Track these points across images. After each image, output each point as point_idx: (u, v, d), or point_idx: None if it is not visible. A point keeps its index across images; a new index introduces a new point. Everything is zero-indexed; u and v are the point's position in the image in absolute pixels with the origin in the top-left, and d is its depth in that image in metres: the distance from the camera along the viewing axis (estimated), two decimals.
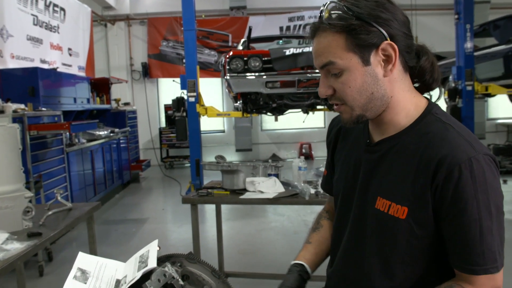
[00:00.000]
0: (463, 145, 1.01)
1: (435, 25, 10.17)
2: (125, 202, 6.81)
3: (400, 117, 1.11)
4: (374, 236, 1.13)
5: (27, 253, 1.81)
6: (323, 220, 1.47)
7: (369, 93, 1.06)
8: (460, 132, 1.04)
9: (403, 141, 1.10)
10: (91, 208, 2.53)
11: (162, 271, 1.12)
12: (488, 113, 11.01)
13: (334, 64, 1.05)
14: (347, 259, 1.23)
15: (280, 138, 10.83)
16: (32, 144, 4.11)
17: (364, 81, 1.05)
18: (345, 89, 1.07)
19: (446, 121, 1.08)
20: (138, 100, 10.42)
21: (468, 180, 0.97)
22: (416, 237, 1.06)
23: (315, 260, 1.37)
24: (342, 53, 1.03)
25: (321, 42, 1.06)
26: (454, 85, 7.07)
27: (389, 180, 1.10)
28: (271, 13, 10.32)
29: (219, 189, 2.94)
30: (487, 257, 0.99)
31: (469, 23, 6.84)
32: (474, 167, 0.98)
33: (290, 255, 4.01)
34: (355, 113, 1.09)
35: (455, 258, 1.03)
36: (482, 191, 0.98)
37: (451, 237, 1.02)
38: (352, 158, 1.24)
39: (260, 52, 5.50)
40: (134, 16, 10.31)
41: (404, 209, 1.05)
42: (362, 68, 1.04)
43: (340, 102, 1.10)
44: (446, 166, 0.99)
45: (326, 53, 1.05)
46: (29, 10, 5.73)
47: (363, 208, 1.17)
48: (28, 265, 3.89)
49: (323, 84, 1.10)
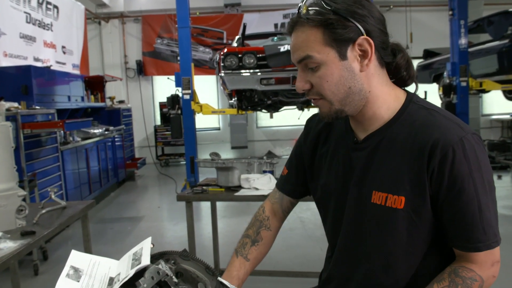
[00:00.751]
0: (452, 127, 1.04)
1: (429, 22, 10.20)
2: (120, 201, 6.79)
3: (382, 110, 1.13)
4: (373, 231, 1.13)
5: (20, 252, 1.80)
6: (264, 231, 1.39)
7: (346, 87, 1.07)
8: (446, 116, 1.08)
9: (391, 133, 1.11)
10: (85, 206, 2.51)
11: (156, 268, 1.11)
12: (482, 109, 11.05)
13: (311, 58, 1.06)
14: (346, 260, 1.22)
15: (276, 135, 10.83)
16: (26, 142, 4.09)
17: (341, 75, 1.06)
18: (322, 83, 1.08)
19: (429, 107, 1.12)
20: (133, 98, 10.39)
21: (462, 159, 1.01)
22: (416, 225, 1.07)
23: (245, 278, 1.32)
24: (320, 47, 1.05)
25: (299, 37, 1.08)
26: (449, 81, 7.10)
27: (382, 173, 1.11)
28: (265, 10, 10.31)
29: (214, 186, 2.93)
30: (488, 232, 1.02)
31: (463, 19, 6.86)
32: (466, 146, 1.01)
33: (286, 252, 4.02)
34: (334, 107, 1.10)
35: (457, 239, 1.05)
36: (476, 169, 1.02)
37: (451, 218, 1.04)
38: (340, 159, 1.23)
39: (255, 49, 5.48)
40: (128, 14, 10.26)
41: (402, 198, 1.06)
42: (339, 63, 1.06)
43: (318, 96, 1.11)
44: (439, 149, 1.02)
45: (304, 47, 1.06)
46: (21, 8, 5.68)
47: (358, 205, 1.16)
48: (23, 264, 3.87)
49: (301, 78, 1.11)
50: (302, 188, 1.40)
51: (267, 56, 5.30)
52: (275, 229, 1.41)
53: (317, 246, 4.12)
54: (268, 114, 6.22)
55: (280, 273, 3.46)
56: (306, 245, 4.20)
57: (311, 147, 1.34)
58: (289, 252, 4.00)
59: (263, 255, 1.37)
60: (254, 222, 1.41)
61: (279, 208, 1.43)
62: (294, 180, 1.41)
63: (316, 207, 1.36)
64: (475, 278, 1.03)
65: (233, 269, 1.30)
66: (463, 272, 1.04)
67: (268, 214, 1.42)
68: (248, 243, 1.36)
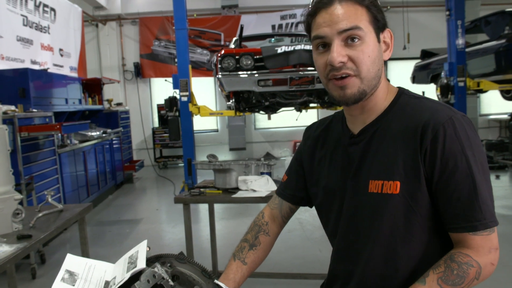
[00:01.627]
0: (442, 108, 1.08)
1: (426, 22, 10.22)
2: (118, 203, 6.77)
3: (380, 102, 1.17)
4: (371, 221, 1.13)
5: (16, 256, 1.79)
6: (262, 236, 1.39)
7: (377, 68, 1.11)
8: (435, 101, 1.13)
9: (385, 123, 1.15)
10: (82, 209, 2.51)
11: (152, 271, 1.11)
12: (480, 109, 11.07)
13: (360, 29, 1.07)
14: (348, 255, 1.21)
15: (274, 136, 10.82)
16: (23, 145, 4.08)
17: (377, 55, 1.11)
18: (364, 57, 1.08)
19: (419, 97, 1.17)
20: (131, 100, 10.38)
21: (453, 136, 1.03)
22: (413, 211, 1.08)
23: (242, 282, 1.31)
24: (366, 24, 1.08)
25: (348, 7, 1.08)
26: (446, 81, 7.11)
27: (377, 162, 1.12)
28: (263, 11, 10.32)
29: (211, 188, 2.93)
30: (485, 210, 1.02)
31: (460, 19, 6.87)
32: (456, 125, 1.04)
33: (285, 253, 4.01)
34: (362, 86, 1.10)
35: (453, 220, 1.05)
36: (467, 146, 1.03)
37: (447, 198, 1.04)
38: (338, 158, 1.24)
39: (252, 50, 5.48)
40: (125, 16, 10.26)
41: (397, 183, 1.07)
42: (376, 43, 1.11)
43: (353, 72, 1.09)
44: (431, 128, 1.04)
45: (352, 18, 1.07)
46: (18, 11, 5.67)
47: (356, 197, 1.16)
48: (21, 267, 3.86)
49: (339, 50, 1.07)
50: (302, 194, 1.41)
51: (264, 57, 5.30)
52: (273, 234, 1.42)
53: (316, 247, 4.11)
54: (266, 116, 6.22)
55: (278, 275, 3.45)
56: (304, 246, 4.20)
57: (309, 152, 1.35)
58: (288, 253, 3.99)
59: (261, 259, 1.37)
60: (253, 227, 1.42)
61: (279, 214, 1.43)
62: (293, 186, 1.41)
63: (317, 212, 1.36)
64: (471, 264, 1.02)
65: (230, 272, 1.29)
66: (459, 257, 1.03)
67: (267, 219, 1.43)
68: (246, 247, 1.36)
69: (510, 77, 6.93)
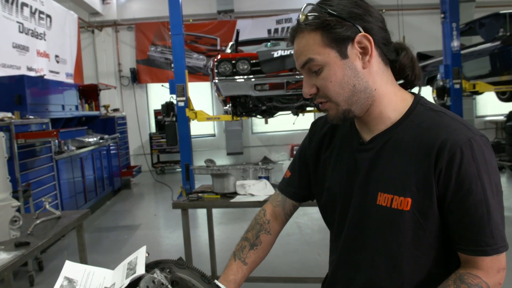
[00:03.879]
0: (460, 128, 1.03)
1: (421, 25, 10.26)
2: (116, 209, 6.75)
3: (389, 110, 1.12)
4: (378, 233, 1.11)
5: (14, 264, 1.78)
6: (263, 235, 1.37)
7: (351, 85, 1.07)
8: (453, 117, 1.07)
9: (397, 134, 1.10)
10: (80, 216, 2.50)
11: (151, 277, 1.10)
12: (476, 111, 11.11)
13: (313, 61, 1.07)
14: (350, 263, 1.20)
15: (271, 140, 10.83)
16: (20, 152, 4.07)
17: (344, 74, 1.06)
18: (327, 85, 1.08)
19: (437, 109, 1.10)
20: (128, 106, 10.38)
21: (470, 160, 0.99)
22: (422, 228, 1.05)
23: (242, 282, 1.30)
24: (320, 49, 1.06)
25: (300, 43, 1.09)
26: (442, 84, 7.13)
27: (388, 175, 1.09)
28: (258, 16, 10.35)
29: (209, 193, 2.92)
30: (496, 236, 1.00)
31: (455, 22, 6.90)
32: (475, 147, 1.00)
33: (283, 257, 4.00)
34: (341, 108, 1.10)
35: (464, 242, 1.03)
36: (484, 170, 1.00)
37: (458, 220, 1.02)
38: (344, 161, 1.21)
39: (248, 55, 5.49)
40: (121, 22, 10.27)
41: (408, 200, 1.04)
42: (340, 62, 1.06)
43: (324, 99, 1.11)
44: (447, 149, 1.00)
45: (305, 52, 1.08)
46: (14, 18, 5.67)
47: (363, 207, 1.14)
48: (19, 275, 3.84)
49: (306, 84, 1.12)
50: (305, 192, 1.38)
51: (260, 62, 5.31)
52: (275, 233, 1.40)
53: (314, 251, 4.11)
54: (263, 120, 6.23)
55: (277, 279, 3.44)
56: (303, 250, 4.19)
57: (315, 150, 1.33)
58: (287, 257, 3.99)
59: (261, 259, 1.36)
60: (254, 225, 1.40)
61: (281, 211, 1.41)
62: (297, 183, 1.39)
63: (320, 213, 1.34)
64: (481, 285, 1.01)
65: (230, 272, 1.28)
66: (469, 279, 1.01)
67: (269, 217, 1.41)
68: (247, 247, 1.34)
69: (505, 79, 6.97)
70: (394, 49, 1.14)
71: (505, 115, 7.86)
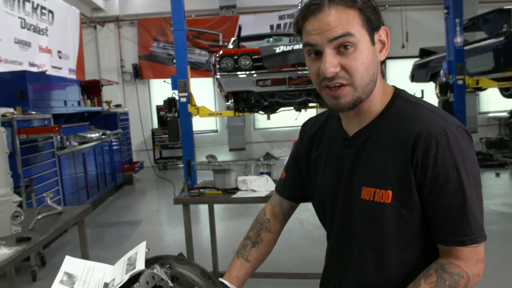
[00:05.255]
0: (436, 119, 1.04)
1: (424, 21, 10.22)
2: (118, 205, 6.77)
3: (375, 104, 1.12)
4: (363, 228, 1.12)
5: (15, 259, 1.78)
6: (264, 233, 1.39)
7: (372, 73, 1.06)
8: (430, 109, 1.08)
9: (378, 128, 1.11)
10: (81, 211, 2.50)
11: (151, 273, 1.10)
12: (479, 107, 11.07)
13: (352, 36, 1.00)
14: (340, 259, 1.21)
15: (273, 136, 10.82)
16: (22, 148, 4.07)
17: (371, 60, 1.05)
18: (357, 65, 1.02)
19: (414, 101, 1.11)
20: (130, 101, 10.38)
21: (445, 150, 1.00)
22: (404, 219, 1.06)
23: (245, 279, 1.32)
24: (358, 28, 1.02)
25: (334, 15, 1.01)
26: (445, 80, 7.11)
27: (370, 169, 1.10)
28: (261, 12, 10.31)
29: (211, 188, 2.92)
30: (474, 226, 1.01)
31: (459, 18, 6.88)
32: (450, 138, 1.00)
33: (285, 253, 4.00)
34: (356, 94, 1.06)
35: (442, 233, 1.04)
36: (460, 160, 1.00)
37: (436, 211, 1.03)
38: (332, 159, 1.22)
39: (250, 50, 5.47)
40: (123, 18, 10.26)
41: (389, 192, 1.05)
42: (371, 47, 1.05)
43: (346, 81, 1.04)
44: (423, 141, 1.01)
45: (343, 25, 1.00)
46: (16, 13, 5.66)
47: (349, 203, 1.15)
48: (21, 270, 3.85)
49: (331, 60, 1.02)
50: (300, 192, 1.39)
51: (262, 57, 5.29)
52: (276, 231, 1.41)
53: (316, 247, 4.11)
54: (266, 116, 6.21)
55: (279, 275, 3.44)
56: (305, 246, 4.19)
57: (306, 150, 1.33)
58: (288, 253, 3.99)
59: (264, 256, 1.37)
60: (255, 225, 1.42)
61: (279, 211, 1.42)
62: (291, 184, 1.40)
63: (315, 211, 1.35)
64: (462, 275, 1.02)
65: (233, 270, 1.30)
66: (450, 268, 1.02)
67: (269, 216, 1.42)
68: (249, 245, 1.36)
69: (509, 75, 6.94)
70: None
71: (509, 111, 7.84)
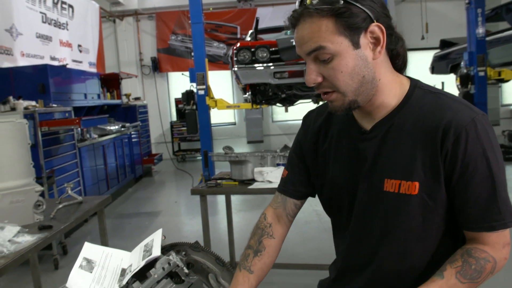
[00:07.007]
0: (463, 108, 1.04)
1: (445, 11, 10.03)
2: (138, 196, 6.87)
3: (390, 98, 1.11)
4: (387, 220, 1.11)
5: (38, 246, 1.84)
6: (266, 239, 1.31)
7: (360, 76, 1.04)
8: (454, 98, 1.08)
9: (399, 119, 1.10)
10: (101, 201, 2.55)
11: (167, 259, 1.13)
12: (502, 99, 10.84)
13: (324, 49, 1.01)
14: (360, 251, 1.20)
15: (291, 129, 10.79)
16: (44, 140, 4.16)
17: (355, 64, 1.03)
18: (336, 75, 1.03)
19: (435, 91, 1.11)
20: (149, 94, 10.48)
21: (475, 140, 1.01)
22: (430, 210, 1.06)
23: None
24: (333, 37, 1.01)
25: (307, 28, 1.03)
26: (466, 71, 6.99)
27: (394, 161, 1.09)
28: (279, 4, 10.25)
29: (228, 180, 2.95)
30: (504, 211, 1.02)
31: (480, 8, 6.74)
32: (478, 127, 1.02)
33: (301, 245, 4.01)
34: (348, 99, 1.07)
35: (472, 219, 1.04)
36: (489, 148, 1.02)
37: (466, 199, 1.03)
38: (344, 151, 1.20)
39: (268, 42, 5.46)
40: (142, 11, 10.34)
41: (415, 184, 1.05)
42: (352, 52, 1.02)
43: (330, 89, 1.07)
44: (453, 131, 1.01)
45: (315, 38, 1.01)
46: (37, 8, 5.77)
47: (370, 195, 1.14)
48: (43, 258, 3.96)
49: (311, 71, 1.06)
50: (305, 188, 1.34)
51: (280, 49, 5.28)
52: (279, 236, 1.33)
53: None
54: (283, 108, 6.21)
55: (295, 265, 3.46)
56: (321, 238, 4.19)
57: (312, 143, 1.30)
58: (305, 245, 4.00)
59: (268, 265, 1.30)
60: (256, 231, 1.34)
61: (283, 213, 1.35)
62: (296, 180, 1.34)
63: (322, 206, 1.32)
64: (488, 259, 1.03)
65: (236, 284, 1.21)
66: (476, 253, 1.03)
67: (271, 220, 1.34)
68: (251, 254, 1.28)
69: None
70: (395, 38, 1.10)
71: None
